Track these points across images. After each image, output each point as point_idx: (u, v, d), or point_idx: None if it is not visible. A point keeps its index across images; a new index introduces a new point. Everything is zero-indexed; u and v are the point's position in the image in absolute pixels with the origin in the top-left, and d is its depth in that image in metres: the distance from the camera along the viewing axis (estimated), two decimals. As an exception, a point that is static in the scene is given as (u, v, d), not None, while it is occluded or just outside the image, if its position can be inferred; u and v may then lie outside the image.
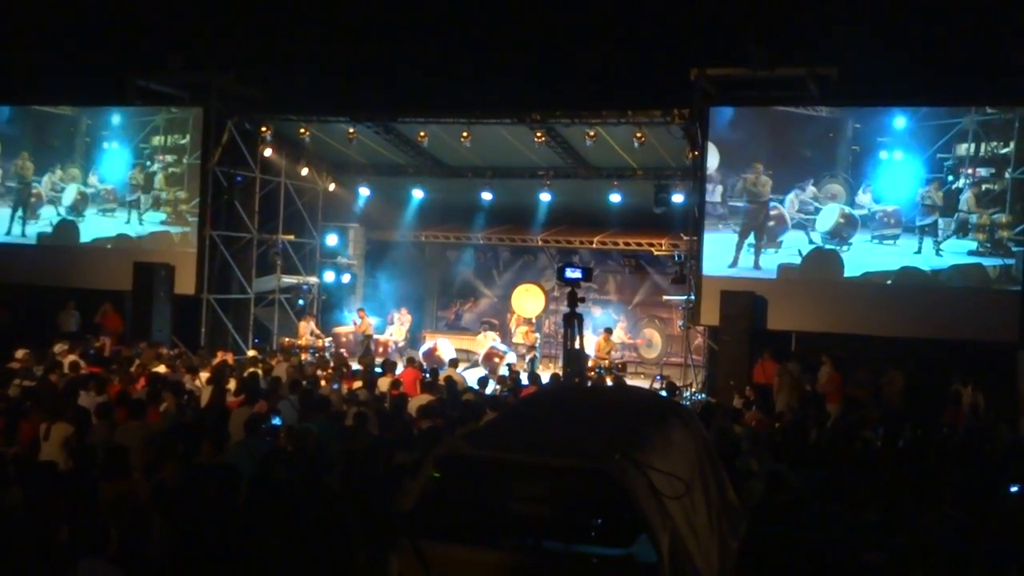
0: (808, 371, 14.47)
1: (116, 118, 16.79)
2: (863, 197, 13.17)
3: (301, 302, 20.84)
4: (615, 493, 4.68)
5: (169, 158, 17.11)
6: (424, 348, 19.85)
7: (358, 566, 5.84)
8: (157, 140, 16.98)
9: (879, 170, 13.07)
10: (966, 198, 12.91)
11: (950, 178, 12.97)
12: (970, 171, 12.85)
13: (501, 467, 5.06)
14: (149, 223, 17.30)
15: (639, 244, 20.16)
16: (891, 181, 13.01)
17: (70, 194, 17.05)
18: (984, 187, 12.83)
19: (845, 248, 13.30)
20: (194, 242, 18.26)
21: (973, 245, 13.09)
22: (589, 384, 14.57)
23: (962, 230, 13.00)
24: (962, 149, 12.79)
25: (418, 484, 5.12)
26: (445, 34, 22.02)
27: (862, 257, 13.17)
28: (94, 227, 17.03)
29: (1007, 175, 12.67)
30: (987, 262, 13.05)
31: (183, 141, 17.03)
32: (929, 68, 17.05)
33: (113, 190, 17.11)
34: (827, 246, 13.37)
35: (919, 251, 13.11)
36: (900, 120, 12.78)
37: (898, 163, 12.88)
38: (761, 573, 5.96)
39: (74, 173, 17.05)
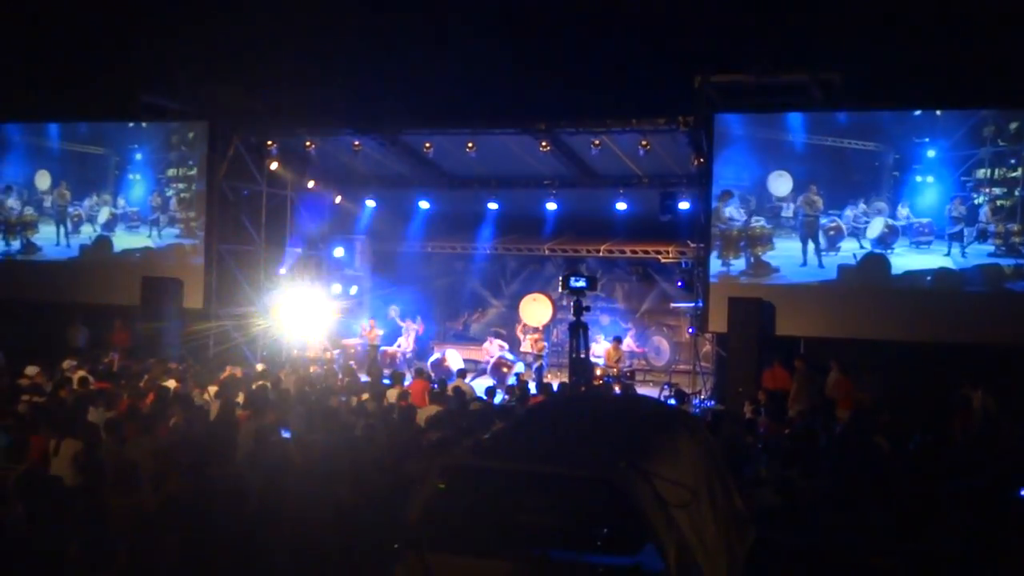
0: (819, 374, 14.49)
1: (139, 156, 20.17)
2: (903, 211, 15.93)
3: (309, 314, 20.85)
4: (621, 502, 4.68)
5: (181, 186, 19.76)
6: (432, 359, 19.77)
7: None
8: (171, 172, 19.78)
9: (915, 190, 15.87)
10: (984, 211, 15.55)
11: (972, 195, 15.66)
12: (987, 190, 15.60)
13: (507, 477, 5.06)
14: (166, 237, 19.81)
15: (646, 252, 20.14)
16: (925, 198, 15.85)
17: (104, 215, 20.41)
18: (999, 203, 15.53)
19: (890, 252, 15.99)
20: (203, 252, 18.63)
21: (991, 249, 15.56)
22: (595, 393, 14.52)
23: (982, 237, 15.55)
24: (980, 173, 15.54)
25: (423, 495, 5.12)
26: (449, 45, 22.05)
27: (904, 259, 15.91)
28: (124, 241, 20.21)
29: (1017, 193, 15.42)
30: (1003, 262, 15.53)
31: (191, 172, 19.56)
32: (932, 72, 17.12)
33: (137, 211, 20.11)
34: (875, 250, 16.07)
35: (948, 253, 15.68)
36: (931, 152, 15.78)
37: (930, 185, 15.81)
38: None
39: (106, 198, 20.38)
